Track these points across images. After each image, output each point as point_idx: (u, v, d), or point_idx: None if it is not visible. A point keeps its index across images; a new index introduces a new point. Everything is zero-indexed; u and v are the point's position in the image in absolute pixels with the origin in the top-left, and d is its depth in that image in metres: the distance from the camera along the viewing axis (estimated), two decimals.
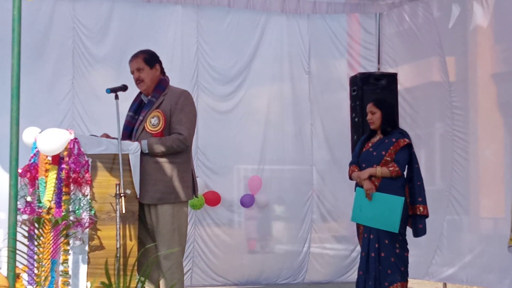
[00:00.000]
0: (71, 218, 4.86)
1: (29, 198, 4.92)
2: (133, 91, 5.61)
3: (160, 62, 5.58)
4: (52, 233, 4.65)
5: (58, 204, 4.92)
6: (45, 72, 7.85)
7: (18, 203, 4.70)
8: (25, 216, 4.87)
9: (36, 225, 4.55)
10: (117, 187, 5.05)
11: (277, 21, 8.82)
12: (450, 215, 7.99)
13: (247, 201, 8.67)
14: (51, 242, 4.63)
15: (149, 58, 5.52)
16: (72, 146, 4.98)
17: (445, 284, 8.22)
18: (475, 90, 7.94)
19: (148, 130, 5.37)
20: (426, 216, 6.51)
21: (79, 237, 4.93)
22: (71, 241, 4.88)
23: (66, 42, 8.02)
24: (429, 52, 8.31)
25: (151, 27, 8.30)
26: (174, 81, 5.73)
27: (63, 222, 4.65)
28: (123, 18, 8.21)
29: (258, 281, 8.69)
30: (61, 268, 4.87)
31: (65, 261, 4.88)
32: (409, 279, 6.53)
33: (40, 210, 4.89)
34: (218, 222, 8.62)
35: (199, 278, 8.45)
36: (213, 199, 8.48)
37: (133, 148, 5.24)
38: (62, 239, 4.72)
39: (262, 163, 8.81)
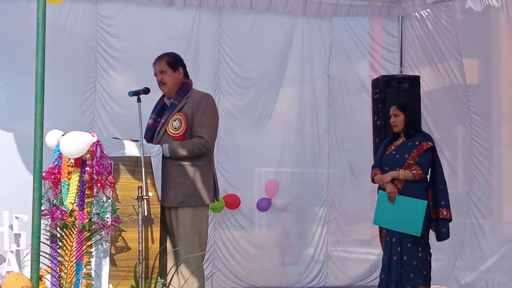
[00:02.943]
0: (96, 220, 4.87)
1: (55, 201, 4.94)
2: (157, 93, 5.62)
3: (183, 65, 5.58)
4: (77, 237, 4.66)
5: (81, 206, 4.93)
6: (68, 74, 7.87)
7: (43, 206, 4.72)
8: (48, 219, 4.89)
9: (62, 229, 4.57)
10: (139, 190, 5.05)
11: (298, 23, 8.81)
12: (471, 219, 7.94)
13: (263, 205, 8.65)
14: (75, 245, 4.64)
15: (173, 61, 5.53)
16: (94, 149, 4.99)
17: None
18: (498, 93, 7.90)
19: (170, 133, 5.37)
20: (449, 219, 6.47)
21: (104, 239, 4.94)
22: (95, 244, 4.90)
23: (90, 44, 8.05)
24: (448, 56, 8.28)
25: (173, 30, 8.31)
26: (196, 84, 5.73)
27: (91, 228, 4.66)
28: (146, 21, 8.23)
29: (279, 285, 8.68)
30: (84, 270, 4.88)
31: (88, 263, 4.89)
32: (431, 284, 6.49)
33: (63, 213, 4.90)
34: (237, 226, 8.62)
35: (220, 281, 8.45)
36: (233, 202, 8.47)
37: (155, 151, 5.24)
38: (87, 242, 4.73)
39: (282, 166, 8.80)
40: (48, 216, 4.91)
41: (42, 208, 4.76)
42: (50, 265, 4.61)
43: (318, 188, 8.91)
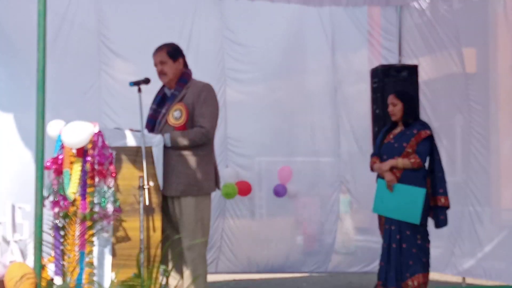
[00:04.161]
0: (97, 210, 4.92)
1: (61, 191, 4.98)
2: (158, 83, 5.66)
3: (183, 56, 5.62)
4: (79, 227, 4.71)
5: (83, 196, 4.98)
6: (71, 63, 7.81)
7: (50, 197, 4.77)
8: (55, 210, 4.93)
9: (64, 219, 4.63)
10: (141, 180, 5.10)
11: (299, 13, 8.79)
12: (469, 207, 7.97)
13: (280, 191, 8.65)
14: (78, 235, 4.70)
15: (173, 52, 5.56)
16: (96, 139, 5.03)
17: (463, 278, 8.21)
18: (496, 81, 7.91)
19: (170, 123, 5.41)
20: (448, 207, 6.51)
21: (106, 229, 5.00)
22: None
23: (92, 32, 8.01)
24: (447, 45, 8.28)
25: (175, 19, 8.28)
26: (199, 74, 5.75)
27: (91, 217, 4.72)
28: (147, 10, 8.20)
29: (282, 269, 8.75)
30: (86, 259, 4.94)
31: (90, 252, 4.94)
32: (430, 271, 6.54)
33: (66, 203, 4.95)
34: (245, 212, 8.66)
35: (224, 265, 8.51)
36: (243, 189, 8.47)
37: (156, 141, 5.28)
38: (89, 231, 4.78)
39: (289, 155, 8.83)
40: (57, 208, 4.95)
41: (50, 199, 4.82)
42: (53, 254, 4.66)
43: (328, 177, 8.94)
